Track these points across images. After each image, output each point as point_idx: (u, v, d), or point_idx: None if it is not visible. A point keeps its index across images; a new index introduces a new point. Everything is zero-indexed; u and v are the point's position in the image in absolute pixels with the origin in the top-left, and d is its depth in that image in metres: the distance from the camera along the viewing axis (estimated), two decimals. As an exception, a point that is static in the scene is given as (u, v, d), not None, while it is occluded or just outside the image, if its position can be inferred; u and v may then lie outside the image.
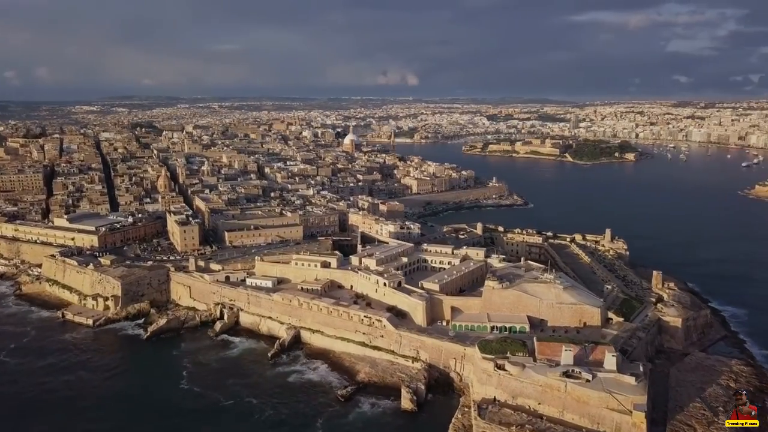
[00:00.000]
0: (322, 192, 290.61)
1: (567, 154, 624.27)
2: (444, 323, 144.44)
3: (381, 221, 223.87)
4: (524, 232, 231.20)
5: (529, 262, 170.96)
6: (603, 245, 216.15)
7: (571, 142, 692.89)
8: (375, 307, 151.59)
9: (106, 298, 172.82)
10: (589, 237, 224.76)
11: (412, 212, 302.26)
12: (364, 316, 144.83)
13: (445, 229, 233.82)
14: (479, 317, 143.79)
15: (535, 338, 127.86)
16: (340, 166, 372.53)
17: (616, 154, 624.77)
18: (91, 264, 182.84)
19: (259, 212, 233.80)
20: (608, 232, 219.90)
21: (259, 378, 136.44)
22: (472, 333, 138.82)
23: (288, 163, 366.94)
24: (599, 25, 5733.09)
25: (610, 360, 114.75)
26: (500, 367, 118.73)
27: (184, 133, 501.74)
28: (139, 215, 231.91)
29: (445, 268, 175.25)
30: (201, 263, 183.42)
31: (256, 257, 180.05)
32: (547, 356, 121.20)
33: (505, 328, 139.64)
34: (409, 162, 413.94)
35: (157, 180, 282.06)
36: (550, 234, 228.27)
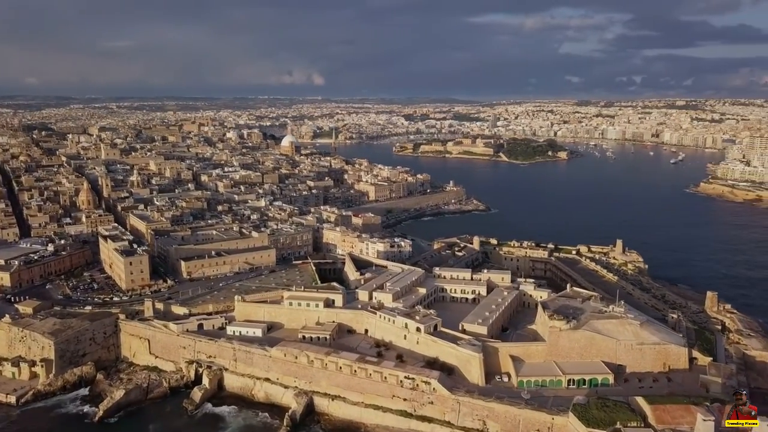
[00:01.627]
0: (276, 203, 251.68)
1: (501, 154, 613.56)
2: (505, 378, 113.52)
3: (366, 239, 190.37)
4: (522, 244, 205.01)
5: (577, 288, 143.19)
6: (615, 258, 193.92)
7: (502, 141, 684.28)
8: (406, 360, 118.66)
9: (32, 363, 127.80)
10: (595, 248, 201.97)
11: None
12: (405, 377, 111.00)
13: (436, 246, 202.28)
14: (547, 368, 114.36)
15: (643, 399, 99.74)
16: (284, 171, 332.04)
17: (549, 153, 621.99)
18: (6, 314, 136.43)
19: (215, 232, 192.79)
20: (619, 243, 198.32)
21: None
22: (545, 390, 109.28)
23: (226, 169, 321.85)
24: (496, 27, 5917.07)
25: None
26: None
27: (94, 136, 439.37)
28: (61, 241, 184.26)
29: (467, 299, 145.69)
30: (159, 306, 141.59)
31: (235, 297, 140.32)
32: (669, 425, 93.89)
33: (584, 381, 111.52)
34: (357, 166, 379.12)
35: (77, 194, 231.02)
36: (552, 246, 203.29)
